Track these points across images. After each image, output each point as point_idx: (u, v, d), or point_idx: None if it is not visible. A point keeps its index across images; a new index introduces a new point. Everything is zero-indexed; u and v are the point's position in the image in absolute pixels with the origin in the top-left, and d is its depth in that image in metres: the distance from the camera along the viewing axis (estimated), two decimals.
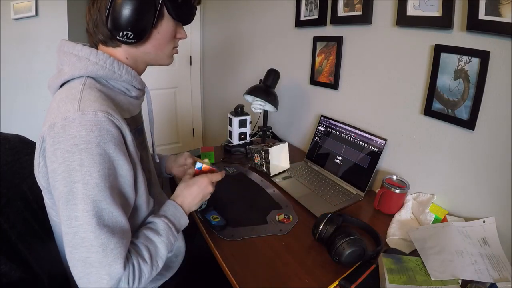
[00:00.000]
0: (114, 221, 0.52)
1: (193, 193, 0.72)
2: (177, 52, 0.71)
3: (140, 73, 0.68)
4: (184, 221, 0.69)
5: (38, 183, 0.59)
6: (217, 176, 0.78)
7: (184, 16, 0.65)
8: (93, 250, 0.49)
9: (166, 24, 0.63)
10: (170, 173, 0.97)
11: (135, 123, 0.69)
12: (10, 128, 1.44)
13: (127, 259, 0.53)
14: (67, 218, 0.50)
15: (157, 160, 0.84)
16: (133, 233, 0.61)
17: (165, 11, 0.61)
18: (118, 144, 0.53)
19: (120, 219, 0.53)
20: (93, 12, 0.59)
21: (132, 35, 0.58)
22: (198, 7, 0.70)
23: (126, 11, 0.55)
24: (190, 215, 0.94)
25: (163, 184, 1.02)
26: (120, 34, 0.57)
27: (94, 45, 0.64)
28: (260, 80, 1.36)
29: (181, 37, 0.69)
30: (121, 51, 0.63)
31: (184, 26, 0.69)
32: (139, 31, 0.59)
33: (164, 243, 0.61)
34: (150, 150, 0.85)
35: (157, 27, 0.62)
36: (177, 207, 0.69)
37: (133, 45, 0.62)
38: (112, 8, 0.56)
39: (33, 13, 1.86)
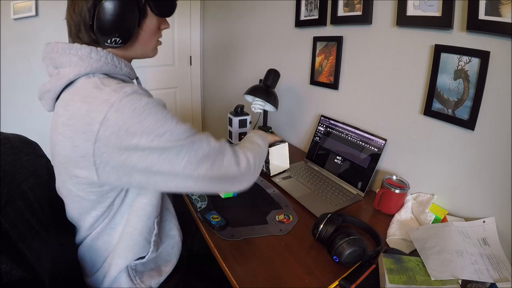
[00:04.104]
0: (208, 134, 0.63)
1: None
2: (161, 44, 0.72)
3: None
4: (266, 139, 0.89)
5: (68, 193, 0.61)
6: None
7: (166, 10, 0.66)
8: (214, 149, 0.60)
9: (150, 21, 0.64)
10: None
11: None
12: (10, 128, 1.44)
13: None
14: (171, 166, 0.54)
15: None
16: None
17: (148, 9, 0.62)
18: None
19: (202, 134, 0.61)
20: (75, 17, 0.59)
21: (120, 40, 0.59)
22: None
23: (112, 17, 0.55)
24: (190, 215, 0.95)
25: None
26: (108, 41, 0.58)
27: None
28: (260, 80, 1.36)
29: (164, 28, 0.70)
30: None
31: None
32: (126, 34, 0.60)
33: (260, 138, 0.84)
34: None
35: (141, 26, 0.63)
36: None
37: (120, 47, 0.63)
38: (96, 16, 0.55)
39: (33, 13, 1.86)
